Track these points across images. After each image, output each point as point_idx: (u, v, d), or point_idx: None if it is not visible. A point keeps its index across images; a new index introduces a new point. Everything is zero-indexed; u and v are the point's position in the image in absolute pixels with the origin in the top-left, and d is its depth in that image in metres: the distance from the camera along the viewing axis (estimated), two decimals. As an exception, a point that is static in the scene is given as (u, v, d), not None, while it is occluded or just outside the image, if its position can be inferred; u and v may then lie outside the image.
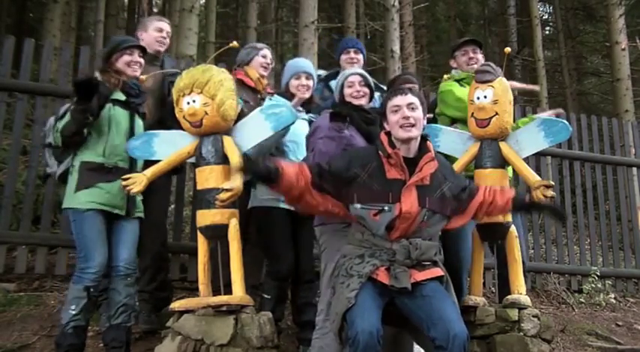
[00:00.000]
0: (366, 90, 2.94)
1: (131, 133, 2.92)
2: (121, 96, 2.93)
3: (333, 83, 3.52)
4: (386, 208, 2.39)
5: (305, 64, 3.45)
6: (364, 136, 2.84)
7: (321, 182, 2.45)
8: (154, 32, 3.55)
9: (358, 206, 2.43)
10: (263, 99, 3.47)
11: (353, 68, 3.24)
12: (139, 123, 3.01)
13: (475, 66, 3.61)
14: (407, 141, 2.48)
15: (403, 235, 2.42)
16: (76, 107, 2.72)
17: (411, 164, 2.46)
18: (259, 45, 3.70)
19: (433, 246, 2.49)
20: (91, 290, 2.74)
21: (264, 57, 3.56)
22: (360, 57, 3.81)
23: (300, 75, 3.30)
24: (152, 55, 3.43)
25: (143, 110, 3.06)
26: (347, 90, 2.92)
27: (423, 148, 2.53)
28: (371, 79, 3.01)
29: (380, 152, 2.50)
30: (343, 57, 3.80)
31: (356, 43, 3.92)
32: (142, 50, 3.06)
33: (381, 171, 2.46)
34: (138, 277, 3.02)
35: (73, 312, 2.71)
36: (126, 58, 2.97)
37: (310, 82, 3.32)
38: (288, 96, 3.24)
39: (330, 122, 2.85)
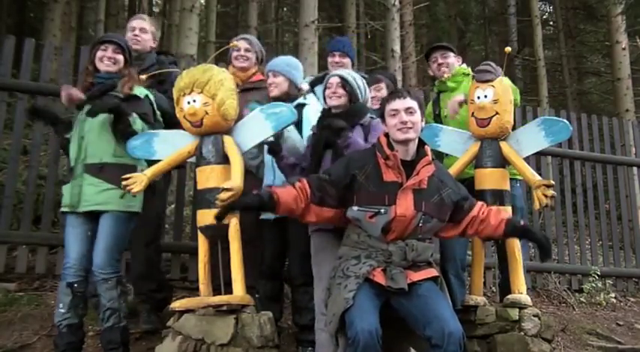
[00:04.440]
0: (342, 91, 2.89)
1: (82, 130, 2.85)
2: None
3: (317, 89, 3.45)
4: (382, 211, 2.40)
5: (274, 62, 3.35)
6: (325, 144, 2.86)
7: (321, 195, 2.45)
8: (128, 33, 3.52)
9: (355, 208, 2.44)
10: (245, 90, 3.38)
11: (337, 70, 3.16)
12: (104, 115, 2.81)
13: (446, 70, 3.62)
14: (404, 142, 2.49)
15: (399, 237, 2.43)
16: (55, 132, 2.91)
17: (409, 167, 2.47)
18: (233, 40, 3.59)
19: (429, 247, 2.50)
20: (75, 285, 2.75)
21: (237, 50, 3.51)
22: (347, 60, 3.64)
23: (268, 73, 3.28)
24: (135, 55, 3.36)
25: (100, 106, 2.76)
26: (326, 92, 2.93)
27: (420, 152, 2.53)
28: (354, 82, 2.92)
29: (378, 153, 2.50)
30: (329, 60, 3.69)
31: (342, 45, 3.72)
32: (120, 46, 2.96)
33: (378, 173, 2.46)
34: (121, 278, 2.87)
35: (62, 310, 2.73)
36: (99, 53, 2.95)
37: (277, 79, 3.24)
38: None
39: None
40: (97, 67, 2.95)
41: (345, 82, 2.90)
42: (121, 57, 2.96)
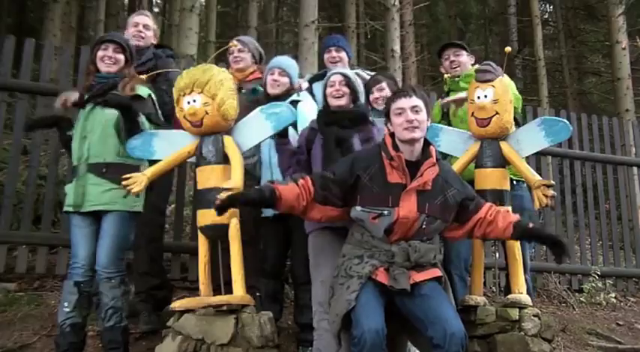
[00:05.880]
0: (346, 89, 2.90)
1: (84, 130, 2.85)
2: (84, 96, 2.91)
3: (315, 85, 3.48)
4: (385, 212, 2.39)
5: (281, 60, 3.36)
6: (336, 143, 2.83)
7: (325, 194, 2.44)
8: (130, 28, 3.51)
9: (359, 208, 2.43)
10: (246, 89, 3.41)
11: (337, 68, 3.18)
12: (99, 116, 2.84)
13: (458, 69, 3.63)
14: (410, 142, 2.47)
15: (402, 238, 2.42)
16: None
17: (413, 167, 2.45)
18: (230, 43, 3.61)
19: (432, 248, 2.48)
20: (82, 285, 2.75)
21: (231, 53, 3.53)
22: (343, 54, 3.68)
23: (274, 70, 3.24)
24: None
25: (116, 100, 2.78)
26: (328, 90, 2.92)
27: (425, 152, 2.51)
28: (356, 80, 2.96)
29: (383, 153, 2.49)
30: (326, 56, 3.72)
31: (337, 40, 3.77)
32: (121, 46, 2.93)
33: (383, 173, 2.45)
34: (124, 277, 2.87)
35: (67, 310, 2.73)
36: (99, 53, 2.92)
37: (283, 78, 3.22)
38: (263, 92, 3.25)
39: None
40: (98, 67, 2.92)
41: (348, 80, 2.90)
42: (121, 56, 2.93)
